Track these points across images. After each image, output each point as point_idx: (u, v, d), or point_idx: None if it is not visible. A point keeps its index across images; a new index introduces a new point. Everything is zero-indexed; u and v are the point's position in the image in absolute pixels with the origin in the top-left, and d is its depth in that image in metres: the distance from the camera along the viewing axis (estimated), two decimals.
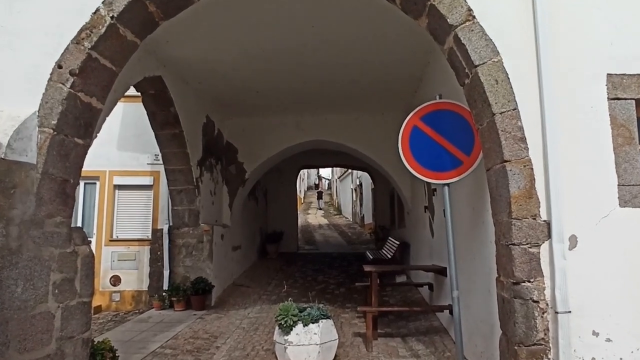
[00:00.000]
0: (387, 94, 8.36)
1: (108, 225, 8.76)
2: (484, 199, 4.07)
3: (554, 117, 3.19)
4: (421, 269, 7.38)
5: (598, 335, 3.03)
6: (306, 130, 9.73)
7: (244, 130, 9.85)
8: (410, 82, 7.66)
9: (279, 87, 7.94)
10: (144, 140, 8.59)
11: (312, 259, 13.83)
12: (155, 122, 7.39)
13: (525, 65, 3.27)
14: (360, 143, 9.61)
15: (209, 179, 8.74)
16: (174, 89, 7.12)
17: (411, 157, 4.09)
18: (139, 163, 8.80)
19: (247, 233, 11.64)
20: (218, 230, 8.73)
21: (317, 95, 8.43)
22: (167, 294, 7.85)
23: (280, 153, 10.00)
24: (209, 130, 8.87)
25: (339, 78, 7.49)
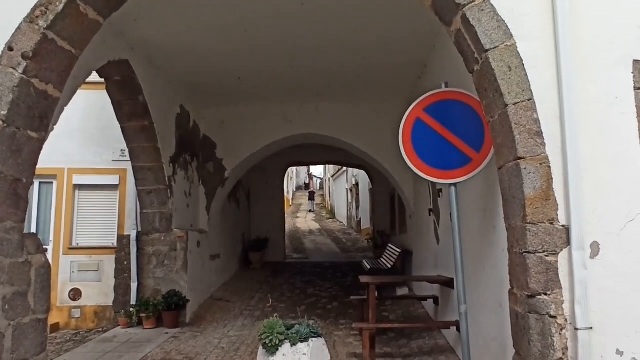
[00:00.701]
0: (386, 81, 8.38)
1: (67, 231, 8.68)
2: (495, 201, 4.09)
3: (574, 108, 3.20)
4: (425, 280, 7.40)
5: (622, 355, 3.06)
6: (294, 122, 9.72)
7: (223, 122, 9.82)
8: (413, 68, 7.68)
9: (263, 73, 7.92)
10: (109, 134, 8.53)
11: (301, 270, 13.83)
12: (121, 113, 7.34)
13: (541, 50, 3.29)
14: (356, 137, 9.63)
15: (183, 178, 8.70)
16: (143, 75, 7.07)
17: (413, 153, 4.10)
18: (102, 160, 8.74)
19: (227, 240, 11.61)
20: (194, 237, 8.70)
21: (307, 82, 8.43)
22: (135, 309, 7.80)
23: (265, 148, 9.99)
24: (183, 122, 8.83)
25: (332, 62, 7.49)
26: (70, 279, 8.58)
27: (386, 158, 9.49)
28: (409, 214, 10.08)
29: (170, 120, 8.27)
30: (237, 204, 13.29)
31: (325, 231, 26.82)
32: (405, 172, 9.12)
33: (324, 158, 16.40)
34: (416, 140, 4.12)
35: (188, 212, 8.91)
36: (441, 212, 6.90)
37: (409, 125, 4.15)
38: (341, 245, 21.05)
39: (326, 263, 15.05)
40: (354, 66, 7.64)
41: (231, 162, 9.80)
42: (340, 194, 32.99)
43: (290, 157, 15.65)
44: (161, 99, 7.78)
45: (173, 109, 8.42)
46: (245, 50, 6.94)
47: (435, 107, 4.12)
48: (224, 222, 11.15)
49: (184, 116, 8.90)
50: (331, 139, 9.98)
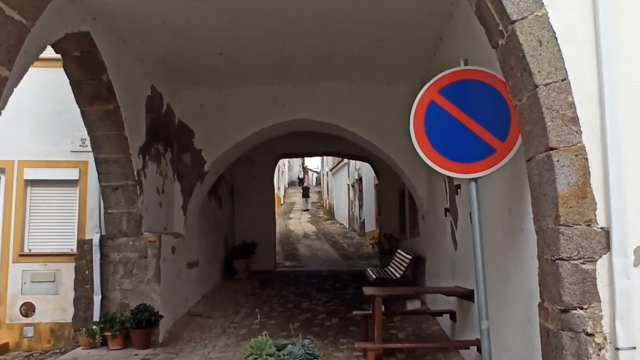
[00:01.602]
0: (395, 58, 8.38)
1: (17, 234, 8.66)
2: (523, 199, 4.11)
3: (615, 90, 3.20)
4: (440, 291, 7.42)
5: None
6: (287, 107, 9.71)
7: (202, 106, 9.81)
8: (426, 42, 7.68)
9: (250, 48, 7.91)
10: (66, 120, 8.51)
11: (294, 280, 13.86)
12: (81, 95, 7.32)
13: (578, 22, 3.28)
14: (359, 124, 9.63)
15: (155, 172, 8.69)
16: (107, 50, 7.05)
17: (427, 143, 4.10)
18: (59, 150, 8.71)
19: (207, 245, 11.62)
20: (168, 241, 8.70)
21: (301, 59, 8.41)
22: (98, 327, 7.81)
23: (252, 137, 9.98)
24: (155, 106, 8.81)
25: (331, 35, 7.48)
26: (21, 292, 8.57)
27: (395, 148, 9.49)
28: (422, 214, 10.09)
29: (140, 103, 8.25)
30: (219, 202, 13.29)
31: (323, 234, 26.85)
32: (417, 165, 9.14)
33: (321, 148, 16.39)
34: (430, 127, 4.12)
35: (161, 212, 8.91)
36: (459, 212, 6.91)
37: (421, 109, 4.14)
38: (341, 251, 21.09)
39: (324, 272, 15.09)
40: (357, 40, 7.63)
41: (212, 153, 9.79)
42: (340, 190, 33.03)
43: (282, 148, 15.63)
44: (129, 79, 7.76)
45: (143, 90, 8.40)
46: (229, 20, 6.92)
47: (453, 89, 4.11)
48: (203, 224, 11.14)
49: (156, 99, 8.88)
50: (330, 126, 9.98)
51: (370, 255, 18.58)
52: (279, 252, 18.77)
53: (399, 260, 11.70)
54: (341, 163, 31.44)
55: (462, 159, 4.05)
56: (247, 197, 15.42)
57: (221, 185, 13.40)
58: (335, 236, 26.32)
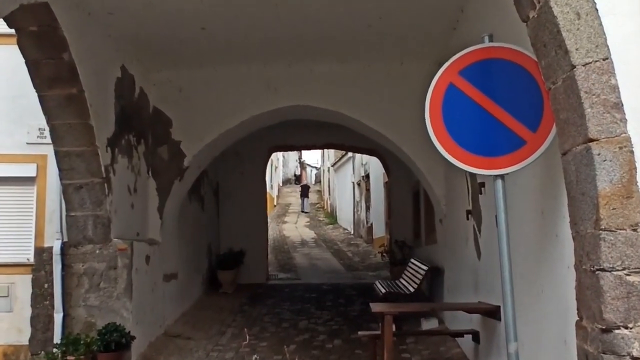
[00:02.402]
0: (409, 33, 8.37)
1: None
2: (557, 199, 4.11)
3: None
4: (461, 308, 7.41)
5: None
6: (281, 91, 9.71)
7: (181, 90, 9.80)
8: (444, 15, 7.67)
9: (238, 22, 7.90)
10: (22, 106, 8.50)
11: (290, 294, 13.87)
12: (39, 77, 7.31)
13: None
14: (366, 110, 9.64)
15: (125, 167, 8.70)
16: (69, 24, 7.04)
17: (445, 133, 4.10)
18: (13, 142, 8.71)
19: (187, 254, 11.63)
20: (141, 249, 8.71)
21: (298, 34, 8.40)
22: (59, 350, 7.80)
23: (241, 127, 9.98)
24: (126, 90, 8.81)
25: (333, 6, 7.47)
26: None
27: (408, 140, 9.49)
28: (439, 217, 10.10)
29: (108, 87, 8.24)
30: (201, 203, 13.30)
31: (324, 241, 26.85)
32: (434, 160, 9.11)
33: (322, 140, 16.40)
34: (449, 115, 4.11)
35: (133, 215, 8.91)
36: (483, 214, 6.91)
37: (438, 94, 4.14)
38: (345, 260, 21.09)
39: (324, 285, 15.10)
40: (364, 12, 7.61)
41: (193, 145, 9.78)
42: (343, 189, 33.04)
43: (275, 139, 15.62)
44: (95, 58, 7.75)
45: (112, 71, 8.39)
46: None
47: (475, 70, 4.10)
48: (183, 229, 11.15)
49: (127, 82, 8.87)
50: (331, 114, 9.98)
51: (379, 265, 18.59)
52: (271, 262, 18.75)
53: (413, 271, 11.70)
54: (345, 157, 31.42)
55: (486, 152, 4.03)
56: (234, 197, 15.42)
57: (204, 183, 13.39)
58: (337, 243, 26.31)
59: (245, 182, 15.55)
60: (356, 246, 24.90)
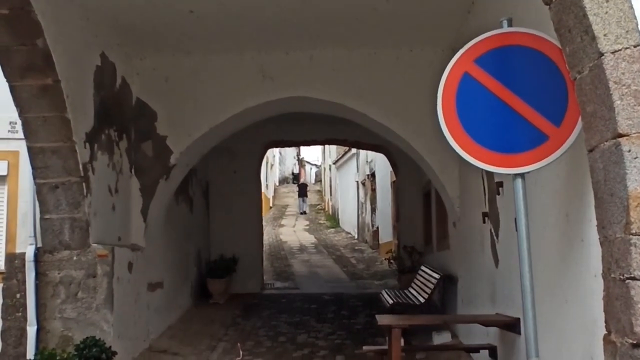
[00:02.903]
0: (419, 17, 8.36)
1: None
2: (583, 200, 4.10)
3: None
4: (477, 321, 7.41)
5: None
6: (277, 81, 9.70)
7: (167, 79, 9.79)
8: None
9: (230, 4, 7.89)
10: None
11: (288, 306, 13.86)
12: (10, 66, 7.30)
13: None
14: (371, 102, 9.63)
15: (106, 165, 8.69)
16: (43, 7, 7.02)
17: (459, 127, 4.09)
18: None
19: (174, 260, 11.62)
20: (123, 256, 8.71)
21: (297, 18, 8.40)
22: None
23: (233, 120, 9.97)
24: (106, 79, 8.80)
25: None
26: None
27: (418, 135, 9.49)
28: (453, 220, 10.09)
29: (86, 76, 8.23)
30: (190, 205, 13.29)
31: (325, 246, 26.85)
32: (447, 157, 9.13)
33: (323, 135, 16.39)
34: (463, 107, 4.11)
35: (114, 217, 8.90)
36: (501, 217, 6.91)
37: (452, 84, 4.14)
38: (348, 268, 21.07)
39: (326, 295, 15.09)
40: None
41: (180, 141, 9.77)
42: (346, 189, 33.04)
43: (271, 134, 15.60)
44: (72, 44, 7.74)
45: (90, 59, 8.38)
46: None
47: (493, 57, 4.10)
48: (169, 234, 11.14)
49: (108, 71, 8.86)
50: (333, 106, 9.97)
51: (386, 273, 18.57)
52: (267, 270, 18.72)
53: (424, 280, 11.69)
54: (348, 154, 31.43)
55: (505, 149, 4.04)
56: (225, 198, 15.42)
57: (192, 183, 13.38)
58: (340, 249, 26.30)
59: (238, 182, 15.54)
60: (360, 252, 24.89)
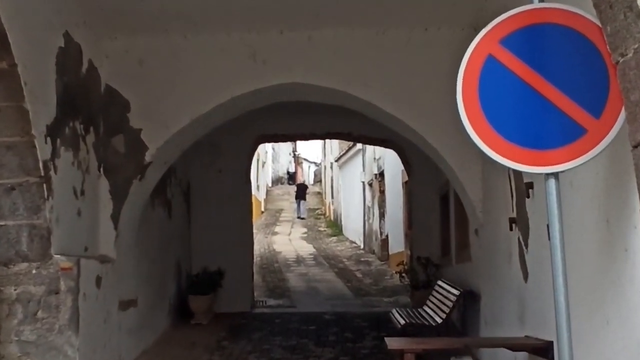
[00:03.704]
0: None
1: None
2: (626, 203, 4.10)
3: None
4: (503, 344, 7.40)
5: None
6: (270, 64, 9.69)
7: (142, 63, 9.78)
8: None
9: None
10: None
11: (282, 327, 13.84)
12: None
13: None
14: (379, 90, 9.62)
15: (70, 163, 8.68)
16: None
17: (482, 119, 4.08)
18: None
19: (149, 274, 11.60)
20: (90, 269, 8.69)
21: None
22: None
23: (218, 111, 9.97)
24: (70, 63, 8.78)
25: None
26: None
27: (433, 127, 9.50)
28: (475, 227, 10.09)
29: (47, 60, 8.21)
30: (168, 209, 13.27)
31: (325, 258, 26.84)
32: (469, 154, 9.12)
33: (323, 128, 16.42)
34: (487, 96, 4.10)
35: (80, 224, 8.89)
36: (531, 224, 6.91)
37: (474, 69, 4.12)
38: (353, 282, 21.06)
39: (326, 315, 15.08)
40: None
41: (156, 135, 9.75)
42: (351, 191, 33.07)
43: (263, 127, 15.61)
44: (31, 23, 7.72)
45: (52, 40, 8.37)
46: None
47: (522, 38, 4.09)
48: (144, 243, 11.12)
49: (72, 53, 8.85)
50: (335, 94, 9.97)
51: (397, 289, 18.56)
52: (258, 285, 18.71)
53: (441, 296, 11.68)
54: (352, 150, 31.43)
55: (535, 145, 4.02)
56: (210, 201, 15.41)
57: (171, 183, 13.36)
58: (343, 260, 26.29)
59: (225, 183, 15.54)
60: (367, 264, 24.90)
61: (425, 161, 12.46)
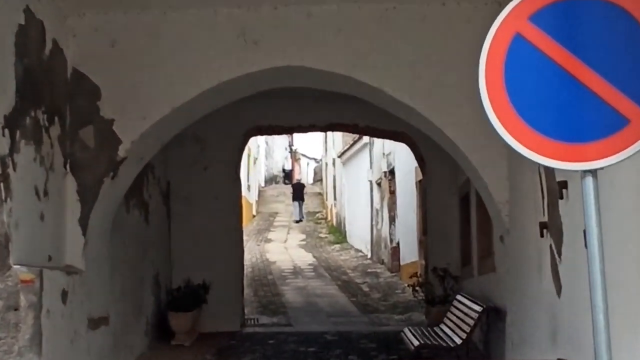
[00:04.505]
0: None
1: None
2: None
3: None
4: None
5: None
6: (263, 44, 9.68)
7: (115, 44, 9.77)
8: None
9: None
10: None
11: (277, 348, 13.86)
12: None
13: None
14: (389, 74, 9.62)
15: (32, 159, 8.68)
16: None
17: (508, 107, 4.06)
18: None
19: (123, 288, 11.60)
20: (55, 282, 8.69)
21: None
22: None
23: (202, 99, 9.97)
24: (31, 44, 8.78)
25: None
26: None
27: (452, 118, 9.49)
28: (500, 233, 10.09)
29: (5, 40, 8.20)
30: (145, 213, 13.28)
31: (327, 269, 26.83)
32: (493, 148, 9.11)
33: (323, 119, 16.44)
34: (514, 80, 4.09)
35: (43, 230, 8.88)
36: (565, 229, 6.91)
37: (499, 50, 4.11)
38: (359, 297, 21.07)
39: (328, 335, 15.10)
40: None
41: (132, 126, 9.74)
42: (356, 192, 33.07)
43: (255, 118, 15.63)
44: None
45: (10, 16, 8.36)
46: None
47: (555, 13, 4.07)
48: (117, 252, 11.11)
49: (34, 32, 8.84)
50: (338, 79, 9.98)
51: (409, 305, 18.56)
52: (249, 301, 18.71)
53: (460, 313, 11.67)
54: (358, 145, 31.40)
55: (570, 137, 4.00)
56: (193, 203, 15.42)
57: (148, 183, 13.37)
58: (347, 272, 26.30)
59: (211, 182, 15.55)
60: (375, 276, 24.90)
61: (442, 157, 12.47)
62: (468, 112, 8.55)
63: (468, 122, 8.98)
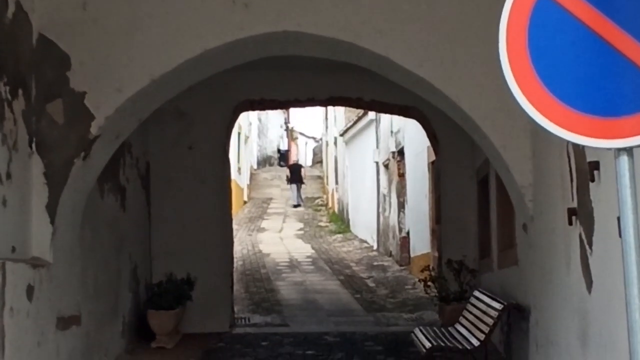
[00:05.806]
0: None
1: None
2: None
3: None
4: None
5: None
6: (254, 7, 9.67)
7: (86, 5, 9.75)
8: None
9: None
10: None
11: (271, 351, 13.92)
12: None
13: None
14: (397, 41, 9.63)
15: None
16: None
17: (533, 77, 4.05)
18: None
19: (97, 283, 11.64)
20: (19, 276, 8.70)
21: None
22: None
23: (186, 69, 9.97)
24: None
25: None
26: None
27: (468, 89, 9.47)
28: (523, 221, 10.10)
29: None
30: (121, 198, 13.31)
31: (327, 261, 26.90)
32: (514, 124, 9.12)
33: (323, 92, 16.45)
34: (539, 46, 4.08)
35: (5, 217, 8.89)
36: (597, 216, 6.92)
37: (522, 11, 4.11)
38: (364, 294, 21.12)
39: (328, 336, 15.16)
40: None
41: (106, 100, 9.74)
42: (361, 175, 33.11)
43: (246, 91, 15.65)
44: None
45: None
46: None
47: None
48: (89, 242, 11.15)
49: None
50: (339, 46, 9.99)
51: (421, 302, 18.63)
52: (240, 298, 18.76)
53: (478, 311, 11.70)
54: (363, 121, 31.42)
55: (603, 111, 3.99)
56: (176, 188, 15.45)
57: (125, 164, 13.38)
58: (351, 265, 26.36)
59: (196, 163, 15.57)
60: (382, 270, 24.96)
61: (458, 135, 12.49)
62: (486, 83, 8.54)
63: (487, 95, 8.96)
